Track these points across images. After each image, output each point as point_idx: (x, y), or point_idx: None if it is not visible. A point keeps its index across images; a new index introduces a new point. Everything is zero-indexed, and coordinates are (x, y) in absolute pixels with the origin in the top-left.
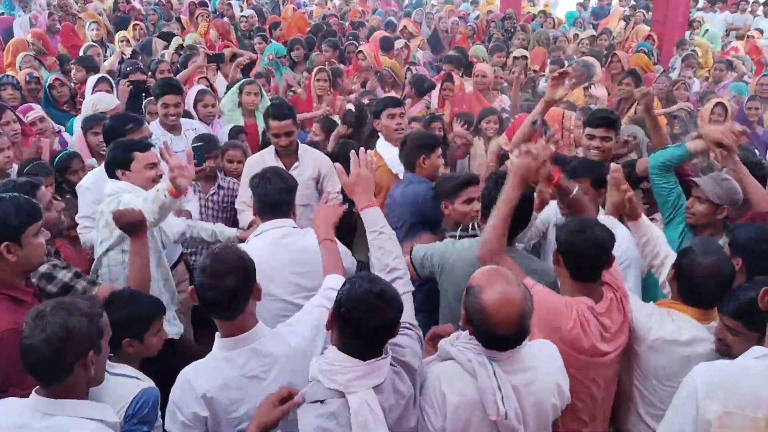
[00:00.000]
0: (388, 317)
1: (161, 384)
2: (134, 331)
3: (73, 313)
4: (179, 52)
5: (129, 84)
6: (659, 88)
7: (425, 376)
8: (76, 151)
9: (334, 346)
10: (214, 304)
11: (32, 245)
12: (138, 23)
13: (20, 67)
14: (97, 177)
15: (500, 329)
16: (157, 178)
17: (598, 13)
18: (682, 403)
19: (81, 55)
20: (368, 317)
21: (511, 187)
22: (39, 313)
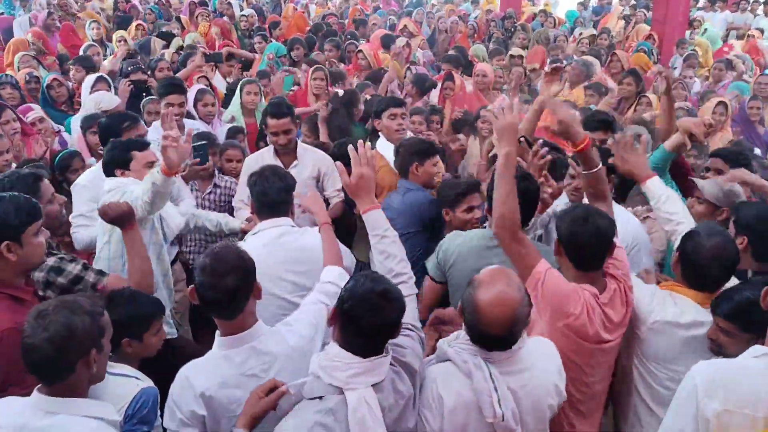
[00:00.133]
0: (390, 316)
1: (160, 383)
2: (134, 330)
3: (76, 312)
4: (179, 51)
5: (130, 83)
6: (659, 87)
7: (424, 377)
8: (77, 150)
9: (335, 342)
10: (214, 303)
11: (32, 244)
12: (141, 23)
13: (18, 67)
14: (93, 175)
15: (489, 328)
16: None
17: (599, 12)
18: (681, 403)
19: (80, 55)
20: (370, 316)
21: (500, 154)
22: (41, 312)
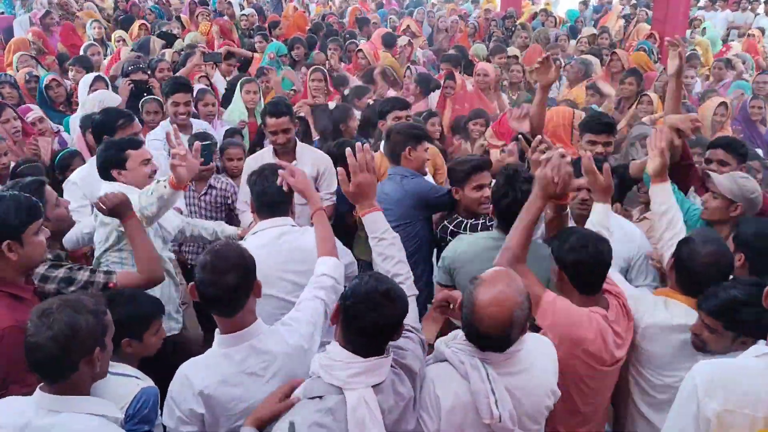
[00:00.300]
0: (392, 316)
1: (160, 382)
2: (134, 330)
3: (80, 311)
4: (179, 51)
5: (130, 83)
6: (660, 86)
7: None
8: (77, 150)
9: (336, 341)
10: (215, 300)
11: (33, 243)
12: (144, 23)
13: (17, 66)
14: (85, 173)
15: (483, 327)
16: (152, 173)
17: (600, 11)
18: (682, 403)
19: (80, 55)
20: (373, 314)
21: (534, 197)
22: (45, 311)
